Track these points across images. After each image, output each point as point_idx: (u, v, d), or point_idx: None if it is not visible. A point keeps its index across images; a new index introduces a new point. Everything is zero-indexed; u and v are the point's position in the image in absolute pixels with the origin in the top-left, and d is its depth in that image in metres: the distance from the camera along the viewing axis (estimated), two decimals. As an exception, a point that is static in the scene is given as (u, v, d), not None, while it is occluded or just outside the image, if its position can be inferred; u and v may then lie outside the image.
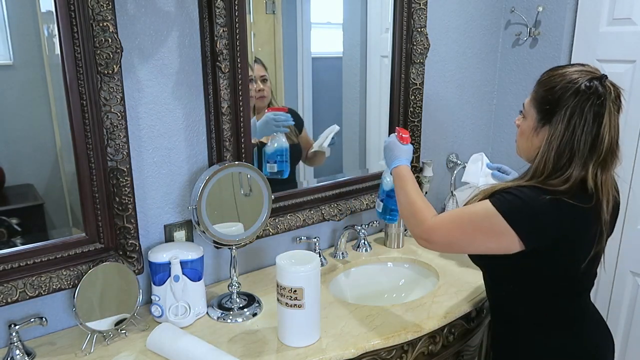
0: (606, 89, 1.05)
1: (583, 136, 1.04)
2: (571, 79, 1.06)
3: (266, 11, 1.53)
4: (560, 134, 1.05)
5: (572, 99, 1.04)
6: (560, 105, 1.05)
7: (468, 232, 1.10)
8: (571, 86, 1.05)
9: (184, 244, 1.43)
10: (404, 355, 1.34)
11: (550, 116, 1.07)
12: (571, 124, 1.05)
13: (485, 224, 1.07)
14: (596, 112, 1.04)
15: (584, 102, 1.04)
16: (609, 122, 1.05)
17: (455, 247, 1.17)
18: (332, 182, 1.75)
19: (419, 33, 1.76)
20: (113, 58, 1.18)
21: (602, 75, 1.07)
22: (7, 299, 1.16)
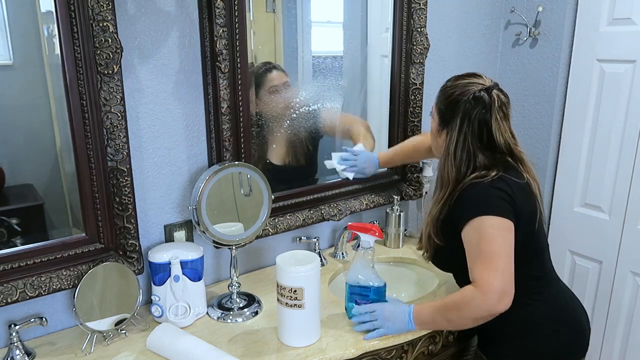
0: (491, 98, 1.20)
1: (474, 141, 1.21)
2: (462, 90, 1.22)
3: (266, 9, 1.53)
4: (454, 140, 1.22)
5: (461, 109, 1.21)
6: (454, 113, 1.22)
7: (499, 251, 1.15)
8: (461, 97, 1.21)
9: (184, 244, 1.43)
10: (404, 355, 1.34)
11: (447, 123, 1.24)
12: (462, 130, 1.21)
13: (492, 232, 1.16)
14: (481, 119, 1.20)
15: (471, 111, 1.20)
16: (497, 127, 1.21)
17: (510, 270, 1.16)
18: (332, 182, 1.75)
19: (419, 33, 1.76)
20: (113, 58, 1.18)
21: (491, 86, 1.22)
22: (7, 299, 1.16)
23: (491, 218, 1.16)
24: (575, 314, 1.32)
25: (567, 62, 1.96)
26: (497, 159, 1.23)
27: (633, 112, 1.79)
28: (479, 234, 1.17)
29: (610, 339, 1.98)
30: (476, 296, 1.15)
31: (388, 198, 1.86)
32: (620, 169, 1.85)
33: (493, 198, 1.18)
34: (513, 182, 1.20)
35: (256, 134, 1.53)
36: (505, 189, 1.18)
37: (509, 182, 1.19)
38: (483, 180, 1.19)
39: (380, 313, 1.27)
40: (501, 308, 1.14)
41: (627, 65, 1.79)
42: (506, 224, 1.16)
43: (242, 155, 1.46)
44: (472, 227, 1.17)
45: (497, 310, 1.14)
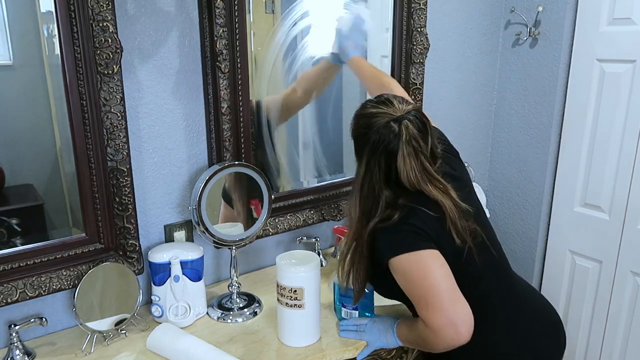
0: (400, 131, 1.06)
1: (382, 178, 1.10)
2: (371, 121, 1.09)
3: (266, 10, 1.53)
4: (361, 175, 1.12)
5: (368, 145, 1.09)
6: (361, 148, 1.12)
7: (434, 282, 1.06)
8: (366, 132, 1.09)
9: (184, 244, 1.43)
10: (404, 355, 1.34)
11: (358, 156, 1.14)
12: (370, 166, 1.10)
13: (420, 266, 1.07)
14: (388, 153, 1.08)
15: (376, 148, 1.08)
16: (403, 163, 1.07)
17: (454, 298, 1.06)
18: (332, 182, 1.75)
19: (419, 33, 1.76)
20: (113, 58, 1.18)
21: (401, 116, 1.08)
22: (7, 299, 1.16)
23: (407, 256, 1.06)
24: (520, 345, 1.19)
25: (567, 62, 1.96)
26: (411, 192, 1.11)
27: (633, 112, 1.79)
28: (402, 276, 1.09)
29: (610, 339, 1.98)
30: (429, 334, 1.07)
31: (388, 198, 1.86)
32: (620, 169, 1.85)
33: (400, 235, 1.08)
34: (425, 214, 1.09)
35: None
36: (415, 222, 1.08)
37: (419, 215, 1.09)
38: (388, 221, 1.09)
39: (369, 327, 1.25)
40: (463, 338, 1.04)
41: (627, 65, 1.79)
42: (425, 254, 1.07)
43: (242, 155, 1.46)
44: (394, 269, 1.09)
45: (460, 341, 1.05)
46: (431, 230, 1.09)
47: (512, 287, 1.25)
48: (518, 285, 1.27)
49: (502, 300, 1.20)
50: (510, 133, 2.17)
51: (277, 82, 1.61)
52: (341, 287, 1.26)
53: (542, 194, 2.09)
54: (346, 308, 1.31)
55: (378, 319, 1.27)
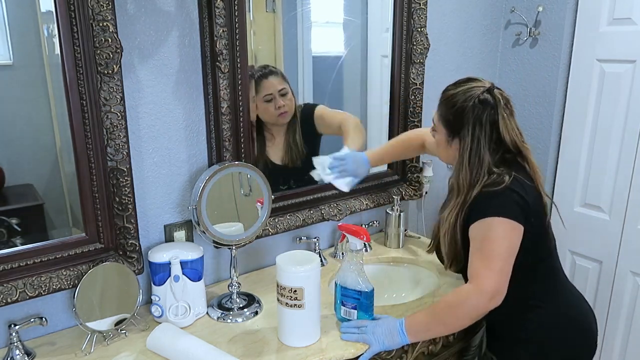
0: (496, 99, 1.22)
1: (487, 144, 1.22)
2: (466, 96, 1.22)
3: (266, 9, 1.53)
4: (469, 146, 1.23)
5: (470, 114, 1.21)
6: (463, 121, 1.22)
7: (500, 252, 1.16)
8: (467, 104, 1.22)
9: (184, 244, 1.43)
10: (404, 355, 1.34)
11: (457, 131, 1.25)
12: (475, 135, 1.22)
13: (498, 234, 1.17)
14: (492, 120, 1.21)
15: (481, 115, 1.21)
16: (505, 126, 1.22)
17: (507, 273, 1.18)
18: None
19: (419, 33, 1.76)
20: (113, 58, 1.18)
21: (490, 87, 1.24)
22: (7, 299, 1.16)
23: (502, 220, 1.17)
24: (584, 316, 1.33)
25: (567, 62, 1.96)
26: (506, 159, 1.24)
27: (633, 112, 1.79)
28: (485, 233, 1.18)
29: (610, 339, 1.98)
30: (471, 292, 1.17)
31: (388, 198, 1.86)
32: (620, 169, 1.85)
33: (507, 201, 1.18)
34: (527, 184, 1.21)
35: (254, 136, 1.53)
36: (520, 192, 1.19)
37: (523, 185, 1.20)
38: (498, 185, 1.19)
39: (371, 329, 1.25)
40: (491, 306, 1.17)
41: (627, 65, 1.79)
42: (515, 227, 1.17)
43: (242, 155, 1.46)
44: (482, 225, 1.18)
45: (487, 308, 1.17)
46: (530, 199, 1.20)
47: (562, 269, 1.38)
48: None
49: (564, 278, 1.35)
50: (510, 133, 2.17)
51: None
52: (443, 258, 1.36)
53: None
54: (346, 307, 1.31)
55: (380, 321, 1.27)
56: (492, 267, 1.15)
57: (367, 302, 1.29)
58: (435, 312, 1.22)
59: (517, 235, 1.18)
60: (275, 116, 1.56)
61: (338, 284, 1.31)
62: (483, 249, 1.18)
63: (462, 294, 1.18)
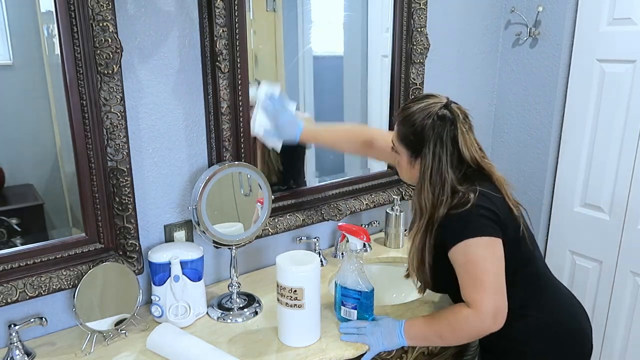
0: (454, 114, 1.18)
1: (448, 161, 1.18)
2: (424, 114, 1.18)
3: (266, 9, 1.53)
4: (429, 165, 1.19)
5: (431, 132, 1.17)
6: (424, 139, 1.18)
7: (489, 269, 1.14)
8: (426, 121, 1.18)
9: (184, 244, 1.43)
10: (404, 355, 1.34)
11: (419, 151, 1.20)
12: (436, 153, 1.18)
13: (480, 252, 1.14)
14: (452, 136, 1.18)
15: (441, 132, 1.17)
16: (464, 141, 1.19)
17: (502, 289, 1.15)
18: (332, 182, 1.75)
19: (419, 33, 1.76)
20: (113, 58, 1.18)
21: (447, 102, 1.21)
22: (7, 299, 1.16)
23: (477, 239, 1.14)
24: (573, 317, 1.31)
25: (567, 62, 1.96)
26: (468, 174, 1.20)
27: (633, 112, 1.79)
28: (466, 257, 1.15)
29: (610, 339, 1.98)
30: (470, 316, 1.14)
31: (388, 198, 1.86)
32: (620, 169, 1.85)
33: (478, 219, 1.15)
34: (494, 197, 1.18)
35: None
36: (489, 206, 1.15)
37: (490, 198, 1.17)
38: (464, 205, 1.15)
39: (370, 330, 1.25)
40: (496, 327, 1.14)
41: (627, 65, 1.79)
42: (493, 241, 1.15)
43: (242, 155, 1.46)
44: (459, 249, 1.15)
45: (492, 330, 1.14)
46: (501, 211, 1.17)
47: (549, 271, 1.34)
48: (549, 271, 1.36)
49: (549, 280, 1.32)
50: (510, 133, 2.17)
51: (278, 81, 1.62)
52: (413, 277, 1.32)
53: (542, 194, 2.09)
54: (346, 307, 1.31)
55: (380, 322, 1.27)
56: (484, 288, 1.13)
57: (367, 302, 1.29)
58: (433, 326, 1.21)
59: (498, 248, 1.15)
60: None
61: (338, 284, 1.31)
62: (469, 273, 1.15)
63: (461, 316, 1.15)
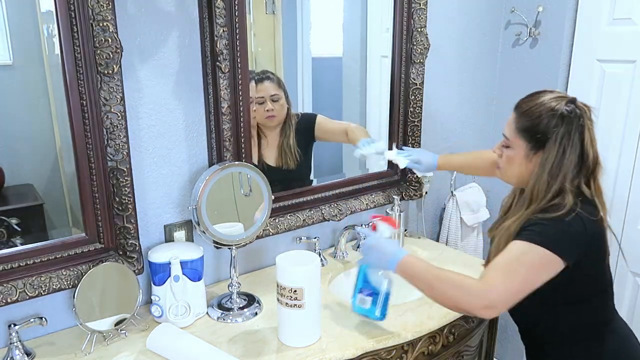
0: (581, 109, 1.16)
1: (571, 156, 1.15)
2: (551, 106, 1.16)
3: (266, 11, 1.53)
4: (553, 157, 1.15)
5: (560, 125, 1.15)
6: (550, 132, 1.15)
7: (524, 276, 1.11)
8: (554, 113, 1.15)
9: (184, 244, 1.43)
10: (404, 355, 1.34)
11: (542, 143, 1.17)
12: (561, 146, 1.15)
13: (534, 261, 1.11)
14: (580, 131, 1.15)
15: (570, 126, 1.15)
16: (590, 139, 1.16)
17: (517, 297, 1.12)
18: (332, 182, 1.75)
19: (419, 33, 1.76)
20: (113, 58, 1.18)
21: (573, 98, 1.18)
22: (7, 299, 1.16)
23: (546, 252, 1.10)
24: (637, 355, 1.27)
25: (567, 62, 1.96)
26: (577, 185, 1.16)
27: (633, 112, 1.79)
28: (523, 256, 1.12)
29: (610, 339, 1.98)
30: (473, 287, 1.11)
31: (388, 198, 1.86)
32: (620, 169, 1.85)
33: (558, 231, 1.12)
34: (588, 219, 1.13)
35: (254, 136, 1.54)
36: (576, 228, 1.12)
37: (584, 220, 1.12)
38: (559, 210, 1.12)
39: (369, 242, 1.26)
40: (484, 313, 1.12)
41: (627, 65, 1.79)
42: (556, 262, 1.10)
43: (242, 155, 1.46)
44: (524, 247, 1.12)
45: (478, 313, 1.12)
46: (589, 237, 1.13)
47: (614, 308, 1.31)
48: None
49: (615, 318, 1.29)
50: (510, 133, 2.17)
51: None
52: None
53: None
54: (362, 294, 1.31)
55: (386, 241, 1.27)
56: (509, 286, 1.10)
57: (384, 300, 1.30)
58: (433, 273, 1.17)
59: (554, 271, 1.11)
60: (264, 117, 1.60)
61: (362, 267, 1.31)
62: (511, 266, 1.11)
63: (467, 282, 1.13)
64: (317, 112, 1.72)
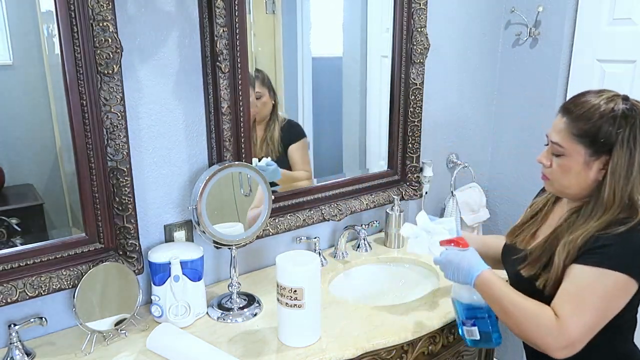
0: (638, 107, 1.07)
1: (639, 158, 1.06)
2: (610, 107, 1.07)
3: (266, 11, 1.53)
4: (623, 162, 1.06)
5: (624, 127, 1.05)
6: (614, 135, 1.06)
7: (602, 308, 1.04)
8: (615, 114, 1.06)
9: (184, 244, 1.43)
10: (404, 355, 1.34)
11: (606, 147, 1.07)
12: (629, 150, 1.06)
13: (609, 289, 1.03)
14: None
15: (634, 127, 1.05)
16: None
17: (595, 331, 1.04)
18: (332, 182, 1.75)
19: (419, 33, 1.76)
20: (113, 58, 1.18)
21: (625, 95, 1.09)
22: (7, 299, 1.16)
23: (619, 276, 1.02)
24: None
25: (567, 62, 1.96)
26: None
27: (633, 112, 1.79)
28: (593, 283, 1.03)
29: (610, 339, 1.98)
30: (550, 327, 1.03)
31: (388, 198, 1.86)
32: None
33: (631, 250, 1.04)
34: None
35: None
36: None
37: None
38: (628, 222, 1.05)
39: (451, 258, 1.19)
40: (560, 355, 1.04)
41: (627, 65, 1.78)
42: (630, 285, 1.03)
43: (242, 155, 1.46)
44: (592, 273, 1.03)
45: (554, 353, 1.05)
46: None
47: None
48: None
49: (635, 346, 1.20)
50: (510, 133, 2.17)
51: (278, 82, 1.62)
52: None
53: (542, 194, 2.09)
54: (466, 326, 1.22)
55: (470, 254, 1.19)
56: (586, 320, 1.02)
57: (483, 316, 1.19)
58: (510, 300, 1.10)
59: (629, 294, 1.05)
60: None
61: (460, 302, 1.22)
62: (582, 297, 1.03)
63: (543, 317, 1.05)
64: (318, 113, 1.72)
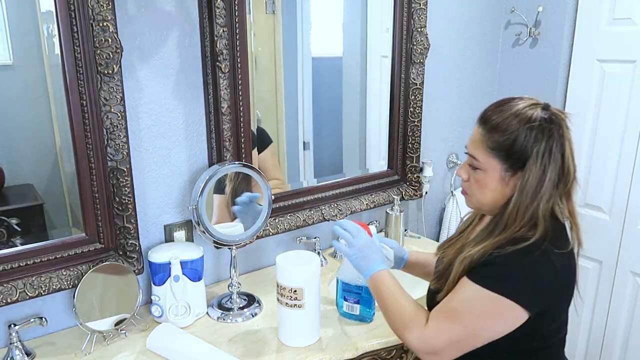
0: (558, 117, 0.98)
1: (552, 174, 0.97)
2: (526, 117, 0.97)
3: (266, 11, 1.53)
4: (534, 178, 0.97)
5: (540, 140, 0.96)
6: (530, 148, 0.97)
7: (472, 326, 0.97)
8: (532, 125, 0.96)
9: (184, 244, 1.43)
10: (404, 355, 1.34)
11: (521, 162, 0.98)
12: (542, 165, 0.97)
13: (486, 310, 0.96)
14: (561, 144, 0.98)
15: (551, 139, 0.97)
16: (570, 150, 0.99)
17: (464, 346, 0.99)
18: (332, 182, 1.75)
19: (419, 33, 1.76)
20: (113, 58, 1.18)
21: (546, 104, 1.00)
22: (7, 299, 1.16)
23: (504, 301, 0.94)
24: None
25: (567, 62, 1.96)
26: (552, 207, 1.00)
27: (633, 112, 1.79)
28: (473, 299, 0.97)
29: (610, 339, 1.98)
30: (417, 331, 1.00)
31: (388, 198, 1.86)
32: (620, 169, 1.85)
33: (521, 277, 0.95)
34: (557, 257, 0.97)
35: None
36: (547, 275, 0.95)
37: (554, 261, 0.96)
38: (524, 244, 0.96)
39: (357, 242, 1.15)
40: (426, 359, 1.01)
41: (627, 65, 1.78)
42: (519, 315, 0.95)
43: (242, 155, 1.46)
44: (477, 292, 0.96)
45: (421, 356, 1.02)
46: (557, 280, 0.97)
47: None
48: None
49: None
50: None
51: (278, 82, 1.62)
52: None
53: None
54: (348, 302, 1.32)
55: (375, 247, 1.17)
56: (452, 334, 0.97)
57: (367, 296, 1.30)
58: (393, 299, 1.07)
59: (513, 320, 0.96)
60: None
61: (339, 279, 1.33)
62: (457, 310, 0.98)
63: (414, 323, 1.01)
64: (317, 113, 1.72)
